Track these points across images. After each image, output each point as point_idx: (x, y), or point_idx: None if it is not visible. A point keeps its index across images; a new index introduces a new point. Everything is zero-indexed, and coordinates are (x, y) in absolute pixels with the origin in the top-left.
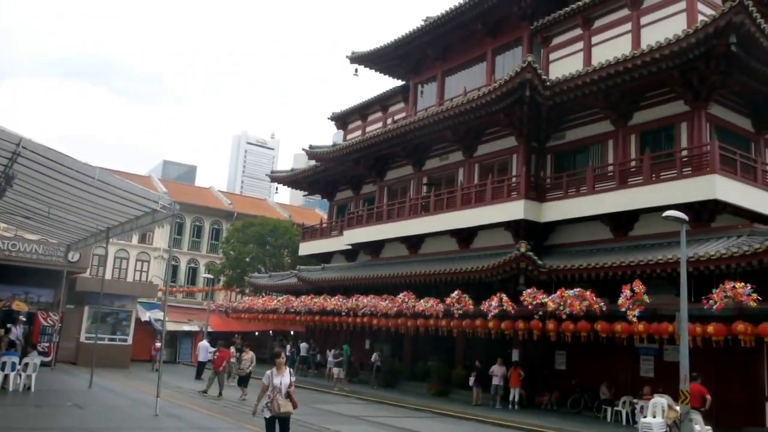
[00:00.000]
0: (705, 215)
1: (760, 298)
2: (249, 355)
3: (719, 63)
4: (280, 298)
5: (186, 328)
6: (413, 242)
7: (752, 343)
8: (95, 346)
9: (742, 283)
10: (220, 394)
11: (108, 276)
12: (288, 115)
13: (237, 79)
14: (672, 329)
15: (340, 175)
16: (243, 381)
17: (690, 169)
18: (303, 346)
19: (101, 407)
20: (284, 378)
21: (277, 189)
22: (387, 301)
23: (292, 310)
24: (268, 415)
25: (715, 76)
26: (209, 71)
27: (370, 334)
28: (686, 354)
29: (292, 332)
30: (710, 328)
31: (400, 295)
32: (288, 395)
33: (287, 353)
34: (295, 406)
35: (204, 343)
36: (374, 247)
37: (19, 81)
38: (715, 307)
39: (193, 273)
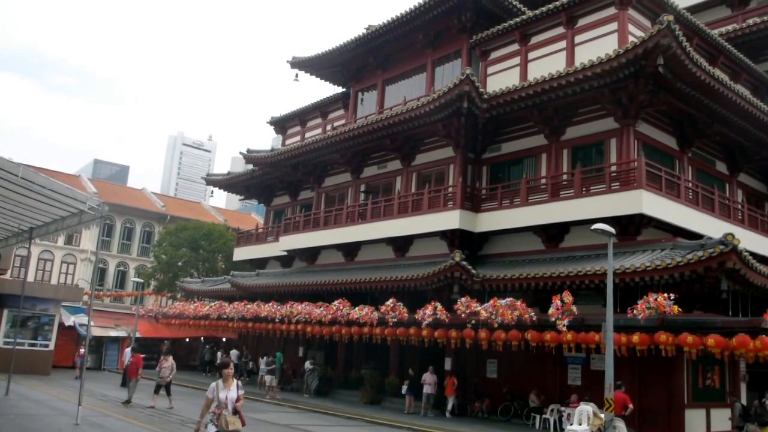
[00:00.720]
0: (631, 228)
1: (681, 309)
2: (169, 363)
3: (647, 83)
4: (212, 304)
5: (113, 333)
6: (350, 249)
7: (673, 352)
8: (14, 352)
9: (665, 295)
10: (129, 400)
11: (30, 278)
12: (227, 117)
13: (175, 78)
14: (598, 339)
15: (278, 181)
16: (165, 389)
17: (618, 183)
18: (234, 353)
19: (17, 416)
20: (231, 392)
21: (212, 192)
22: (322, 309)
23: (225, 317)
24: (213, 431)
25: (643, 96)
26: (146, 69)
27: (303, 341)
28: (611, 363)
29: (224, 339)
30: (635, 338)
31: (335, 303)
32: (236, 411)
33: (219, 360)
34: (243, 423)
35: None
36: (310, 254)
37: None
38: (639, 317)
39: (122, 277)
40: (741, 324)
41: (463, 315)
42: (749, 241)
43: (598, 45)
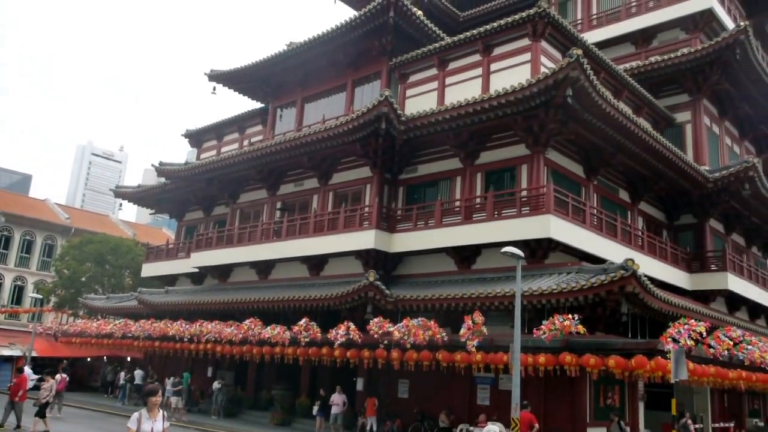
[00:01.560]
0: (540, 252)
1: (585, 331)
2: (48, 384)
3: (557, 112)
4: (117, 322)
5: (6, 352)
6: (263, 267)
7: (577, 372)
8: None
9: (570, 317)
10: (18, 426)
11: None
12: (140, 128)
13: (86, 86)
14: (506, 359)
15: (191, 195)
16: (39, 411)
17: (528, 208)
18: (138, 373)
19: None
20: (157, 423)
21: (121, 205)
22: (232, 328)
23: (130, 335)
24: None
25: (553, 124)
26: (54, 74)
27: (213, 361)
28: (518, 383)
29: (128, 359)
30: (541, 359)
31: (246, 322)
32: None
33: (122, 380)
34: None
35: (27, 370)
36: (222, 271)
37: None
38: (544, 338)
39: (19, 292)
40: (639, 346)
41: (375, 335)
42: (648, 266)
43: (513, 74)
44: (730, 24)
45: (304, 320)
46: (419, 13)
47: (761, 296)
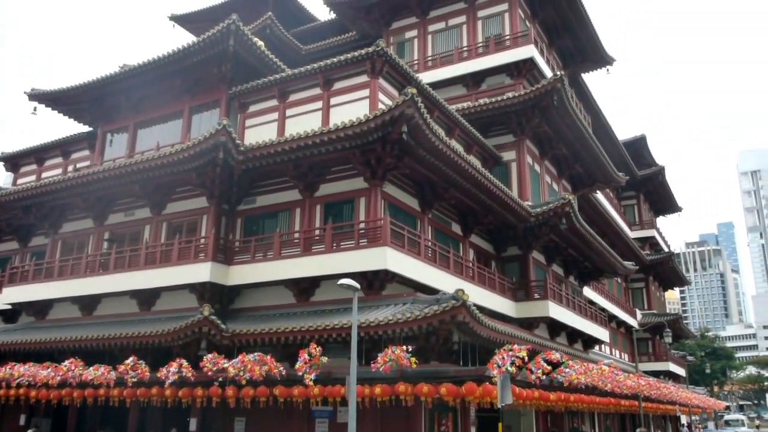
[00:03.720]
0: (377, 284)
1: (419, 360)
2: None
3: (393, 147)
4: None
5: None
6: (87, 303)
7: (412, 401)
8: None
9: (403, 348)
10: None
11: None
12: None
13: None
14: (344, 392)
15: (5, 224)
16: None
17: (366, 240)
18: None
19: None
20: None
21: None
22: (49, 370)
23: None
24: None
25: (390, 159)
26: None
27: (27, 407)
28: (354, 415)
29: None
30: (377, 390)
31: (66, 363)
32: None
33: None
34: None
35: None
36: (40, 308)
37: None
38: (381, 369)
39: None
40: (469, 373)
41: (209, 372)
42: (478, 296)
43: (352, 108)
44: (549, 73)
45: (132, 358)
46: (260, 43)
47: (577, 322)
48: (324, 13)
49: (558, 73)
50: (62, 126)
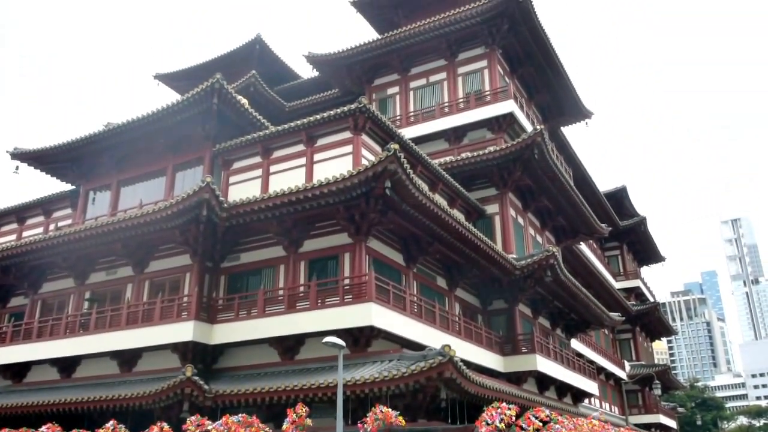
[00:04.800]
0: (363, 340)
1: (407, 418)
2: None
3: (377, 203)
4: None
5: None
6: (67, 365)
7: None
8: None
9: (390, 406)
10: None
11: None
12: None
13: None
14: None
15: None
16: None
17: (351, 296)
18: None
19: None
20: None
21: None
22: None
23: None
24: None
25: (374, 214)
26: None
27: None
28: None
29: None
30: None
31: (43, 428)
32: None
33: None
34: None
35: None
36: (17, 370)
37: None
38: (368, 429)
39: None
40: (458, 431)
41: None
42: (465, 350)
43: (336, 164)
44: (529, 127)
45: (111, 423)
46: (244, 101)
47: (566, 375)
48: (307, 71)
49: (538, 127)
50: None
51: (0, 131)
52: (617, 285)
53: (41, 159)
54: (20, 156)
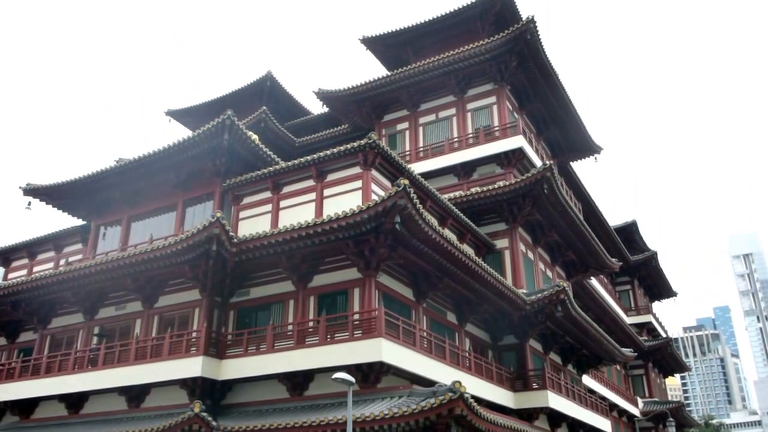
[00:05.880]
0: (372, 376)
1: None
2: None
3: (386, 238)
4: None
5: None
6: (75, 401)
7: None
8: None
9: None
10: None
11: None
12: None
13: None
14: None
15: None
16: None
17: (361, 332)
18: None
19: None
20: None
21: None
22: None
23: None
24: None
25: (383, 249)
26: None
27: None
28: None
29: None
30: None
31: None
32: None
33: None
34: None
35: None
36: (25, 406)
37: None
38: None
39: None
40: None
41: None
42: (476, 386)
43: (345, 199)
44: (538, 162)
45: None
46: (255, 137)
47: (578, 412)
48: (317, 107)
49: (547, 162)
50: (56, 219)
51: (12, 167)
52: (629, 320)
53: (53, 195)
54: (32, 192)
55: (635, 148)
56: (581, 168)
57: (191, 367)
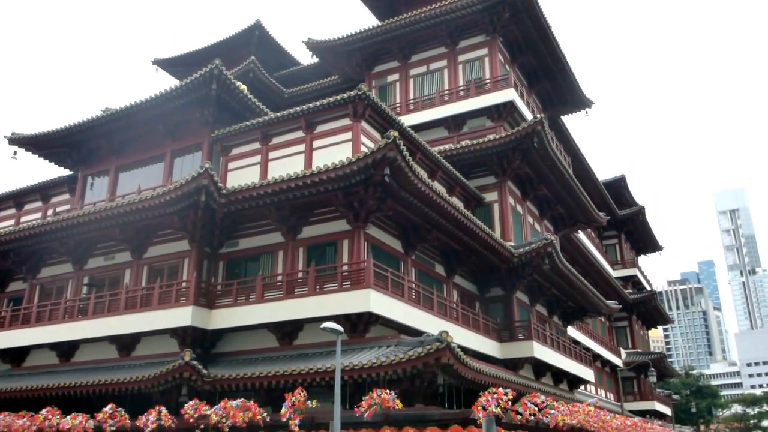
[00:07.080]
0: (361, 326)
1: (404, 403)
2: None
3: (376, 190)
4: None
5: None
6: (66, 349)
7: None
8: None
9: (388, 391)
10: None
11: None
12: None
13: None
14: None
15: None
16: None
17: (349, 283)
18: None
19: None
20: None
21: None
22: (25, 419)
23: None
24: None
25: (372, 201)
26: None
27: None
28: None
29: None
30: None
31: (43, 412)
32: None
33: None
34: None
35: None
36: (16, 355)
37: None
38: (365, 413)
39: None
40: (454, 416)
41: (191, 419)
42: (463, 337)
43: (335, 151)
44: (529, 115)
45: (110, 406)
46: (243, 87)
47: (562, 362)
48: (307, 57)
49: (538, 115)
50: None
51: None
52: (615, 273)
53: (39, 144)
54: (18, 141)
55: (627, 103)
56: (572, 122)
57: (181, 316)
